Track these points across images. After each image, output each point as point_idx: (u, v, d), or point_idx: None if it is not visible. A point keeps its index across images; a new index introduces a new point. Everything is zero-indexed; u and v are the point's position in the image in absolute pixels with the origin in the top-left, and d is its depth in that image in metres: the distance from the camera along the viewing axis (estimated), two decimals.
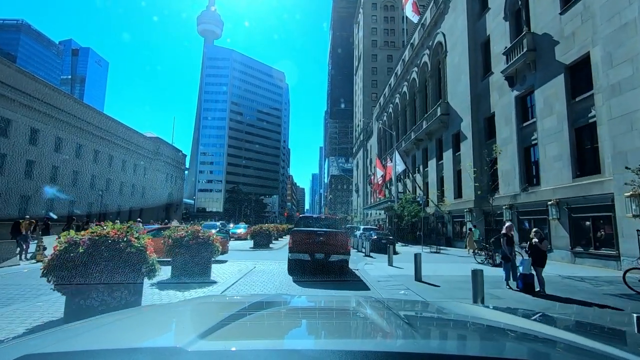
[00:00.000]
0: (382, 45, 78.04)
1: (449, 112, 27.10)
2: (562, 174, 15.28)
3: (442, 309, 1.83)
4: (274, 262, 13.50)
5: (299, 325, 1.42)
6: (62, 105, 39.49)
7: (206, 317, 1.40)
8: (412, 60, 36.89)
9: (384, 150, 50.42)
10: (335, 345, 1.00)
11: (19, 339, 1.04)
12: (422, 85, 34.89)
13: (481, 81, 22.90)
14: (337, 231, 10.72)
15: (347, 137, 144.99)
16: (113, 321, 1.31)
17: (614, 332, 1.55)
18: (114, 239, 5.05)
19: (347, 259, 10.43)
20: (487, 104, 22.15)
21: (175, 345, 0.87)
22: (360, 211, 70.11)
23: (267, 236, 20.23)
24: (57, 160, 40.27)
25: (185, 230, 8.75)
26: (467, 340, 1.23)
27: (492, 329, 1.32)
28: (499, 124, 20.58)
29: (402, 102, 41.69)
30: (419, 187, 33.30)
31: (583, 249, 14.16)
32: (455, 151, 25.97)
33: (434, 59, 31.20)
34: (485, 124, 22.57)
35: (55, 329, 1.20)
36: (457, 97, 25.59)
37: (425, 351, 0.94)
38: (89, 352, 0.87)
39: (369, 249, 18.03)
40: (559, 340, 1.09)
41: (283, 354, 0.90)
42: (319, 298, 3.71)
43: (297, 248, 10.22)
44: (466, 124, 23.94)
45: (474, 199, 22.49)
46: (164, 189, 65.15)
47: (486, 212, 21.87)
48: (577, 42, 14.66)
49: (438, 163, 29.35)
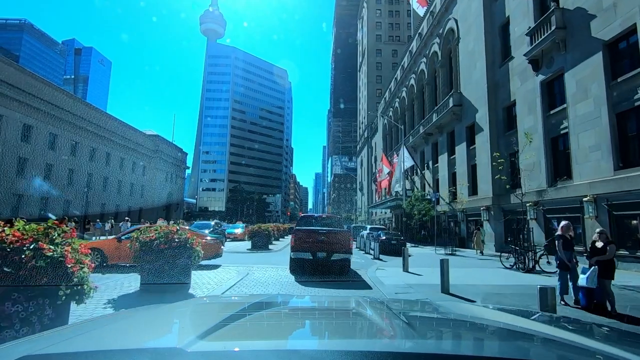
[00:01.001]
0: (386, 40, 76.06)
1: (461, 103, 25.20)
2: (601, 165, 13.38)
3: (442, 309, 1.85)
4: (272, 267, 11.76)
5: (299, 326, 1.41)
6: (54, 99, 37.94)
7: (206, 317, 1.42)
8: (421, 50, 34.97)
9: (389, 147, 48.55)
10: (335, 345, 1.01)
11: (19, 339, 1.04)
12: (432, 76, 32.98)
13: (499, 67, 20.99)
14: (338, 230, 10.72)
15: (351, 135, 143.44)
16: (113, 322, 1.34)
17: (614, 332, 1.51)
18: (14, 247, 3.33)
19: (349, 258, 10.52)
20: (506, 92, 20.24)
21: (174, 345, 0.86)
22: (364, 210, 68.28)
23: (266, 237, 18.48)
24: (51, 158, 38.87)
25: (157, 232, 7.00)
26: (467, 340, 1.21)
27: (492, 329, 1.34)
28: (521, 113, 18.67)
29: (410, 96, 39.79)
30: (428, 184, 31.43)
31: (629, 252, 12.27)
32: (470, 144, 24.07)
33: (444, 47, 29.30)
34: (504, 114, 20.66)
35: (55, 329, 1.20)
36: (472, 86, 23.68)
37: (425, 351, 0.94)
38: (88, 353, 0.87)
39: (378, 251, 16.24)
40: (559, 340, 1.10)
41: (283, 354, 0.89)
42: (319, 298, 3.48)
43: (299, 247, 10.25)
44: (482, 114, 22.04)
45: (492, 196, 20.62)
46: (163, 188, 63.74)
47: (506, 210, 20.00)
48: (619, 14, 12.74)
49: (450, 158, 27.46)
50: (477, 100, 22.84)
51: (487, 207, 21.12)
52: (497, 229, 20.44)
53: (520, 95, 18.81)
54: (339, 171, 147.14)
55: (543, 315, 1.70)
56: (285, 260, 13.82)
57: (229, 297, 3.06)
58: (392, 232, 20.89)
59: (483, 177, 21.78)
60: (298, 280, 9.23)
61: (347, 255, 10.30)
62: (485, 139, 21.58)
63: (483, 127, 21.86)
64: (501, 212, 20.32)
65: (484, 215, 21.36)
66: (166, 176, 65.20)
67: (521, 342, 1.15)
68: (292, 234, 10.74)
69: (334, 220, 12.26)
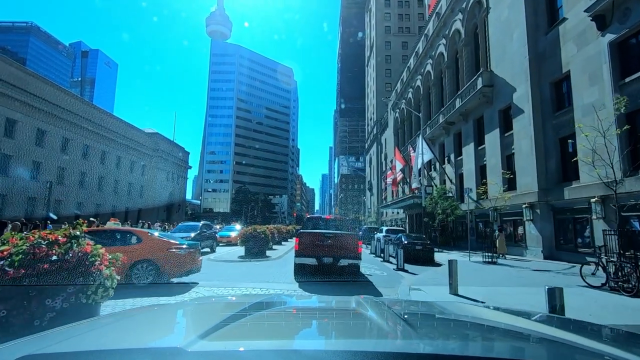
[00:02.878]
0: (396, 31, 72.41)
1: (493, 83, 21.56)
2: None
3: (442, 309, 1.84)
4: (264, 287, 8.38)
5: (299, 326, 1.41)
6: (43, 94, 35.23)
7: (206, 317, 1.42)
8: (439, 31, 31.35)
9: (402, 143, 44.96)
10: (335, 345, 1.01)
11: (19, 339, 1.01)
12: (452, 58, 29.35)
13: (545, 35, 17.34)
14: (346, 233, 10.11)
15: (358, 135, 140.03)
16: (113, 321, 1.35)
17: (614, 332, 1.50)
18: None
19: (358, 263, 9.84)
20: (555, 63, 16.59)
21: (175, 345, 0.85)
22: (374, 210, 64.63)
23: (262, 241, 15.10)
24: (40, 155, 36.21)
25: (17, 244, 3.60)
26: (468, 341, 1.21)
27: (492, 329, 1.33)
28: (578, 86, 15.02)
29: (425, 84, 36.17)
30: (449, 179, 27.78)
31: None
32: (505, 131, 20.42)
33: (468, 23, 25.69)
34: (552, 90, 17.00)
35: (56, 329, 1.17)
36: (507, 61, 20.04)
37: (425, 351, 0.94)
38: (89, 353, 0.87)
39: (402, 260, 12.73)
40: (559, 340, 1.09)
41: (284, 354, 0.89)
42: (320, 298, 3.34)
43: (304, 252, 9.62)
44: (522, 93, 18.39)
45: (537, 191, 16.95)
46: (164, 188, 61.06)
47: (557, 208, 16.32)
48: None
49: (477, 149, 23.80)
50: (514, 77, 19.20)
51: (530, 204, 17.45)
52: (544, 230, 16.76)
53: (577, 65, 15.15)
54: (345, 171, 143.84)
55: (544, 315, 1.65)
56: (286, 272, 10.70)
57: (229, 297, 2.92)
58: (414, 235, 17.34)
59: (524, 168, 18.12)
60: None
61: (355, 261, 9.62)
62: (526, 123, 17.91)
63: (523, 108, 18.20)
64: (550, 210, 16.64)
65: (526, 213, 17.68)
66: (167, 176, 62.50)
67: (522, 343, 1.15)
68: (297, 237, 10.14)
69: (343, 222, 11.60)
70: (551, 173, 16.65)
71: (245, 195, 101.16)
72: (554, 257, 16.21)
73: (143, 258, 7.81)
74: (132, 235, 7.97)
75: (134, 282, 7.67)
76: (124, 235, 7.99)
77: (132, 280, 7.67)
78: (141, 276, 7.73)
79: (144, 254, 7.84)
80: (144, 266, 7.79)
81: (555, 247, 16.36)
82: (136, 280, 7.69)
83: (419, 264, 14.78)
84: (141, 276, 7.73)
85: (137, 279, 7.70)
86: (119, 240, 7.92)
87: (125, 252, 7.68)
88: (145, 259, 7.84)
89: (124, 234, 8.02)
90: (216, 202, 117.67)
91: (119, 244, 7.83)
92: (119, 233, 8.09)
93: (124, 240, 7.91)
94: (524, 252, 18.25)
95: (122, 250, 7.69)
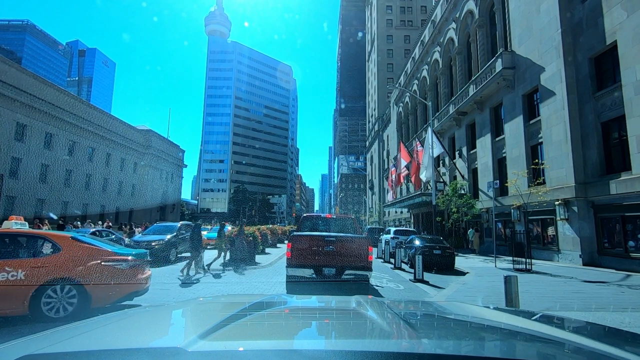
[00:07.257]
0: (398, 25, 69.96)
1: (515, 65, 19.08)
2: None
3: (442, 309, 1.81)
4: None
5: (299, 326, 1.39)
6: (17, 82, 32.61)
7: (206, 317, 1.41)
8: (448, 15, 28.87)
9: (406, 138, 42.47)
10: (335, 345, 1.01)
11: (19, 339, 1.00)
12: (464, 43, 26.88)
13: (582, 2, 14.87)
14: (353, 236, 8.16)
15: (358, 134, 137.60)
16: (113, 322, 1.31)
17: (614, 332, 1.48)
18: None
19: (368, 275, 7.90)
20: (595, 34, 14.11)
21: (175, 345, 0.85)
22: (376, 209, 62.12)
23: (250, 245, 12.62)
24: (20, 152, 33.74)
25: None
26: (468, 340, 1.19)
27: (492, 329, 1.33)
28: (628, 58, 12.54)
29: (432, 74, 33.69)
30: (461, 175, 25.28)
31: None
32: (529, 118, 17.95)
33: (483, 2, 23.22)
34: (591, 66, 14.52)
35: (56, 329, 1.15)
36: (533, 39, 17.55)
37: (425, 351, 0.93)
38: (89, 353, 0.87)
39: (421, 269, 10.23)
40: (559, 340, 1.08)
41: (284, 354, 0.89)
42: (320, 298, 3.19)
43: (298, 260, 7.64)
44: (552, 73, 15.91)
45: (574, 185, 14.46)
46: (157, 188, 58.57)
47: (600, 205, 13.82)
48: None
49: (495, 140, 21.31)
50: (542, 56, 16.71)
51: (564, 200, 14.95)
52: (583, 231, 14.27)
53: (626, 33, 12.66)
54: (345, 171, 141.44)
55: (543, 315, 1.60)
56: (275, 284, 8.82)
57: (229, 298, 2.74)
58: (430, 237, 14.82)
59: (556, 159, 15.63)
60: None
61: (365, 273, 7.79)
62: (559, 106, 15.43)
63: (554, 89, 15.71)
64: (590, 207, 14.14)
65: (560, 212, 15.19)
66: (161, 174, 60.01)
67: (521, 343, 1.14)
68: (289, 241, 8.03)
69: (348, 222, 9.49)
70: (591, 164, 14.17)
71: (243, 195, 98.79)
72: (596, 263, 13.72)
73: (60, 276, 5.32)
74: (45, 240, 5.47)
75: (44, 314, 5.20)
76: (33, 241, 5.50)
77: (42, 311, 5.20)
78: (56, 305, 5.24)
79: (62, 271, 5.35)
80: (61, 289, 5.31)
81: (597, 251, 13.87)
82: (48, 312, 5.21)
83: (438, 272, 12.31)
84: (56, 305, 5.24)
85: (50, 310, 5.22)
86: (23, 250, 5.42)
87: (32, 268, 5.24)
88: (63, 278, 5.35)
89: (33, 239, 5.52)
90: (214, 202, 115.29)
91: (23, 255, 5.35)
92: (25, 238, 5.58)
93: (31, 250, 5.42)
94: (555, 256, 15.77)
95: (26, 264, 5.22)
